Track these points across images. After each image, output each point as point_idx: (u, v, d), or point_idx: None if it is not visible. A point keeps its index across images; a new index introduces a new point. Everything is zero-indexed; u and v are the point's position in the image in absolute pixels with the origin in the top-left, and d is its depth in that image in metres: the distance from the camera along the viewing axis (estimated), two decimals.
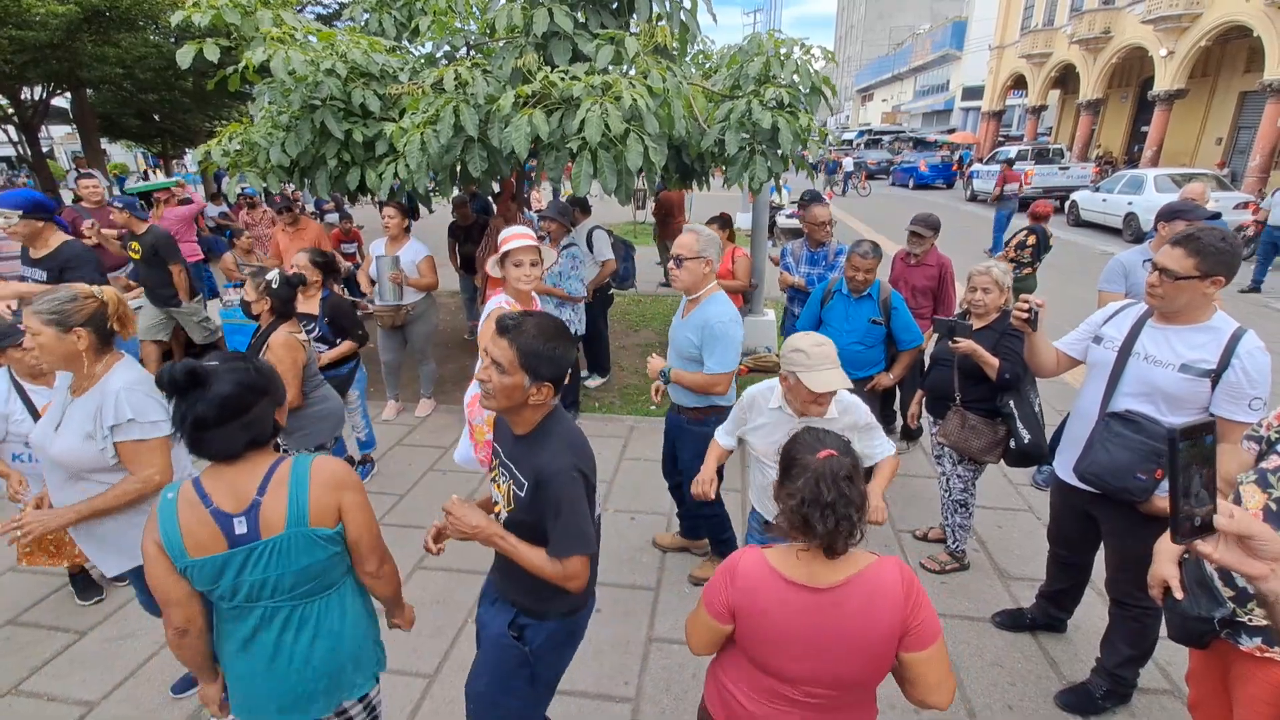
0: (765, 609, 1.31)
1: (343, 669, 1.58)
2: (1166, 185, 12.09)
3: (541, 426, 1.58)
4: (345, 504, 1.47)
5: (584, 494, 1.52)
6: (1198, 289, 1.94)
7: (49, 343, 1.83)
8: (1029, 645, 2.70)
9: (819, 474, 1.26)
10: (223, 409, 1.34)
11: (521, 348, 1.48)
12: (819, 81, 4.25)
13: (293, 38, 4.02)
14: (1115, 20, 20.81)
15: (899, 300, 3.39)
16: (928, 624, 1.28)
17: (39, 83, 13.22)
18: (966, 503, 3.05)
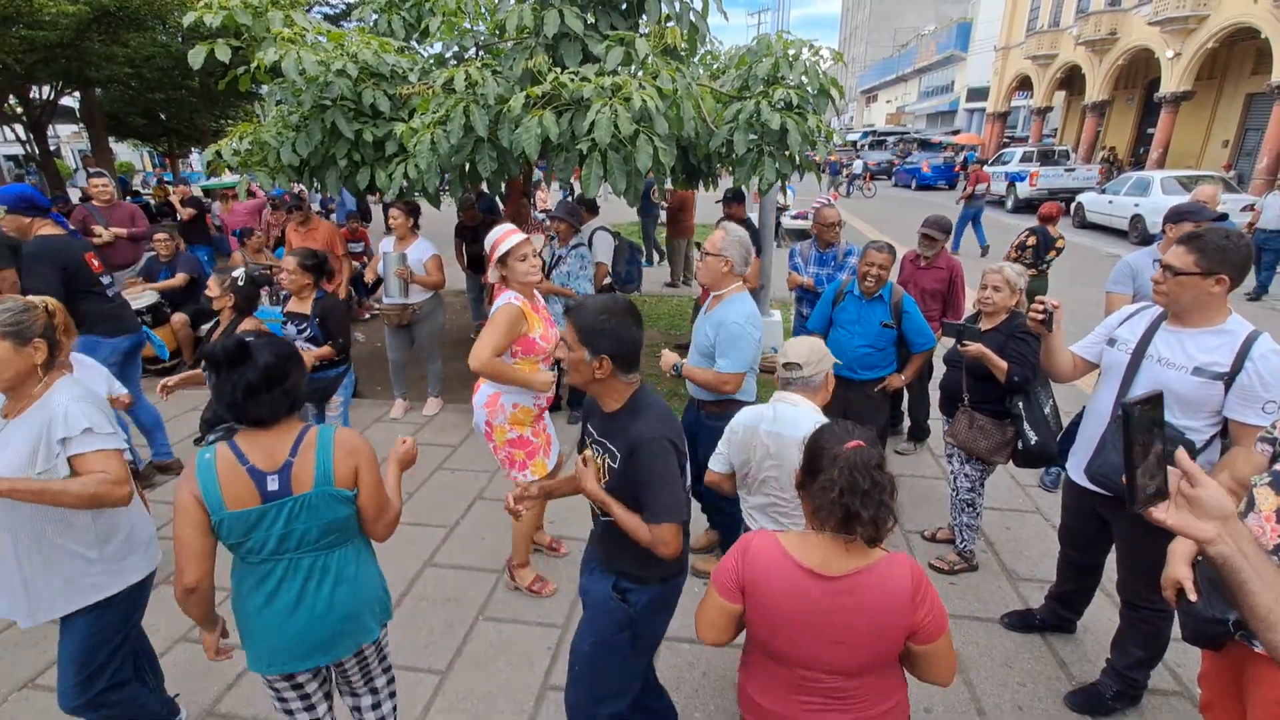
0: (777, 591, 1.34)
1: (360, 613, 1.74)
2: (1173, 187, 12.05)
3: (631, 401, 1.68)
4: (361, 470, 1.65)
5: (676, 463, 1.61)
6: (1200, 286, 1.97)
7: (6, 357, 1.68)
8: (1039, 646, 2.70)
9: (852, 463, 1.27)
10: (269, 377, 1.52)
11: (579, 324, 1.61)
12: (827, 83, 4.26)
13: (303, 38, 4.05)
14: (1122, 22, 20.77)
15: (911, 303, 3.37)
16: (936, 620, 1.32)
17: (48, 82, 13.30)
18: (974, 502, 3.06)
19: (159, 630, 2.84)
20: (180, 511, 1.52)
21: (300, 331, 3.64)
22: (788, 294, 6.08)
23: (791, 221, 12.45)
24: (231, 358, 1.49)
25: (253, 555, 1.59)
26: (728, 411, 2.76)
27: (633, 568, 1.75)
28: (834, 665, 1.33)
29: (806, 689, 1.38)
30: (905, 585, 1.30)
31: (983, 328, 2.89)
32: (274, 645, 1.65)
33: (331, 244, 5.64)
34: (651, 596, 1.77)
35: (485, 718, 2.40)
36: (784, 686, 1.41)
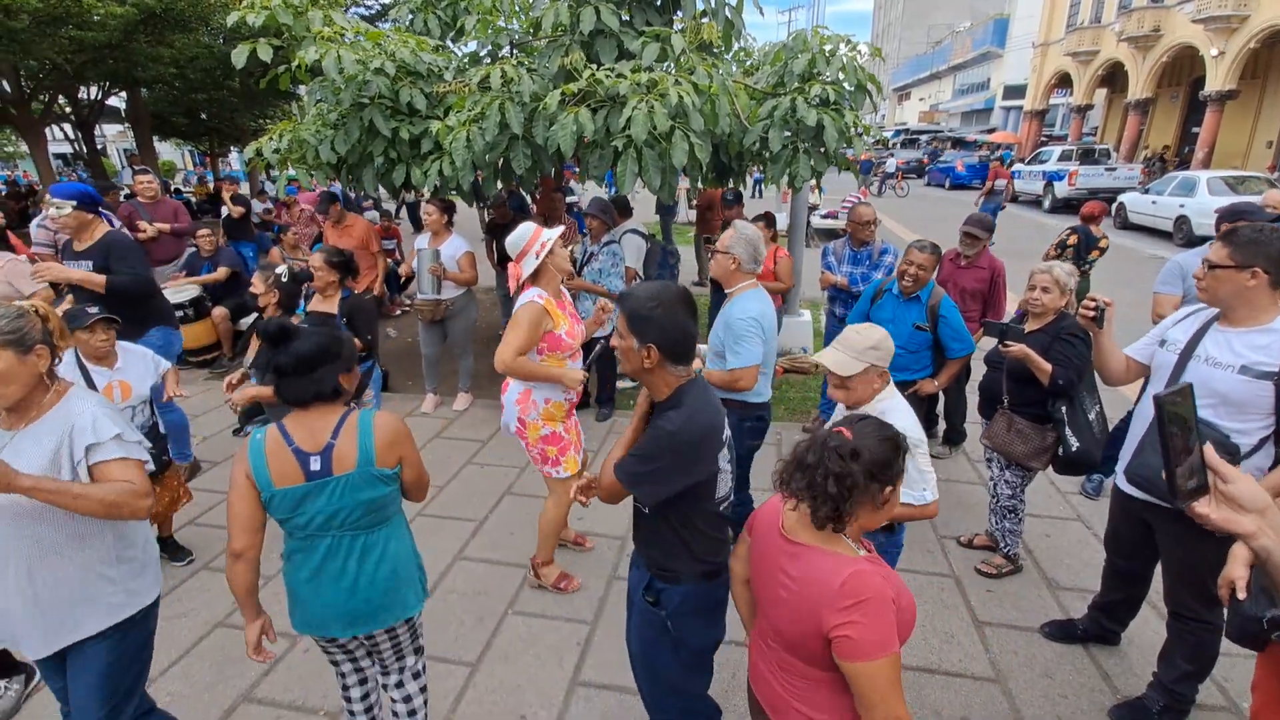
0: (759, 536, 1.49)
1: (400, 587, 1.82)
2: (1220, 188, 11.60)
3: (675, 395, 1.61)
4: (405, 451, 1.74)
5: (673, 456, 1.55)
6: (1236, 280, 1.94)
7: (9, 367, 1.53)
8: (1080, 657, 2.62)
9: (815, 439, 1.32)
10: (298, 363, 1.61)
11: (628, 311, 1.58)
12: (864, 78, 4.19)
13: (343, 37, 4.11)
14: (1165, 18, 20.09)
15: (950, 307, 3.27)
16: (857, 641, 1.20)
17: (96, 82, 13.77)
18: (1015, 509, 2.98)
19: (198, 614, 2.92)
20: (233, 486, 1.64)
21: None
22: (818, 294, 6.01)
23: (821, 221, 12.31)
24: (271, 338, 1.61)
25: (300, 530, 1.69)
26: (751, 413, 2.81)
27: (662, 560, 1.72)
28: (775, 624, 1.40)
29: (763, 635, 1.49)
30: (833, 582, 1.24)
31: (1028, 328, 2.80)
32: (321, 614, 1.77)
33: (366, 241, 5.73)
34: (684, 596, 1.70)
35: (514, 711, 2.41)
36: (757, 632, 1.54)
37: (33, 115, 13.00)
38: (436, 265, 4.60)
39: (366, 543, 1.74)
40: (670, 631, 1.74)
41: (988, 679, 2.52)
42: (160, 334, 3.85)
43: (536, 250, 2.68)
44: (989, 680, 2.52)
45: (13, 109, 12.54)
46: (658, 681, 1.85)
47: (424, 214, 4.74)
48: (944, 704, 2.41)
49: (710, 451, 1.60)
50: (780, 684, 1.41)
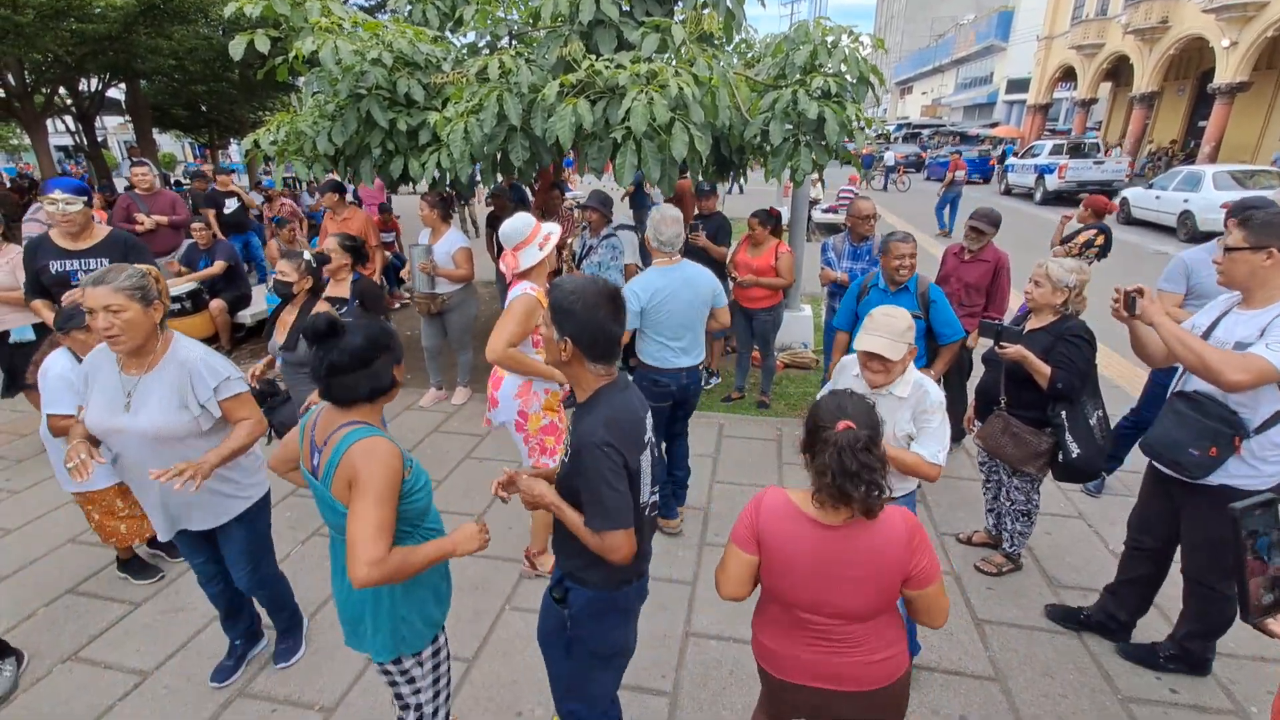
0: (785, 536, 1.47)
1: (360, 621, 1.67)
2: (1226, 183, 11.50)
3: (594, 395, 1.59)
4: (352, 489, 1.46)
5: (612, 469, 1.48)
6: (1251, 262, 2.01)
7: (135, 318, 1.86)
8: (1082, 656, 2.60)
9: (840, 447, 1.35)
10: (353, 358, 1.52)
11: (551, 300, 1.57)
12: (867, 70, 4.13)
13: (340, 28, 4.07)
14: (1174, 9, 19.89)
15: (937, 293, 3.28)
16: (929, 567, 1.43)
17: (96, 74, 13.72)
18: (1029, 512, 2.95)
19: (195, 608, 2.91)
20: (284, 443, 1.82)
21: (341, 313, 3.69)
22: (819, 288, 5.97)
23: (822, 215, 12.23)
24: (320, 335, 1.52)
25: None
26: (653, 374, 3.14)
27: (574, 565, 1.67)
28: (834, 608, 1.45)
29: (810, 630, 1.50)
30: (900, 533, 1.41)
31: (1028, 327, 2.75)
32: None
33: (365, 234, 5.70)
34: (589, 599, 1.67)
35: (512, 706, 2.40)
36: (791, 628, 1.53)
37: (35, 108, 12.97)
38: (426, 262, 4.58)
39: (340, 554, 1.66)
40: (566, 630, 1.72)
41: (987, 678, 2.50)
42: None
43: (540, 243, 2.67)
44: (988, 679, 2.50)
45: (16, 102, 12.51)
46: (552, 675, 1.87)
47: (419, 209, 4.73)
48: (943, 703, 2.39)
49: (629, 446, 1.53)
50: (843, 655, 1.49)
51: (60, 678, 2.54)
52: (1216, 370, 1.91)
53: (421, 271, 4.59)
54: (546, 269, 2.75)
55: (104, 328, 1.82)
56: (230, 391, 2.06)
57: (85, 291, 1.84)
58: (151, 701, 2.43)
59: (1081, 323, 2.67)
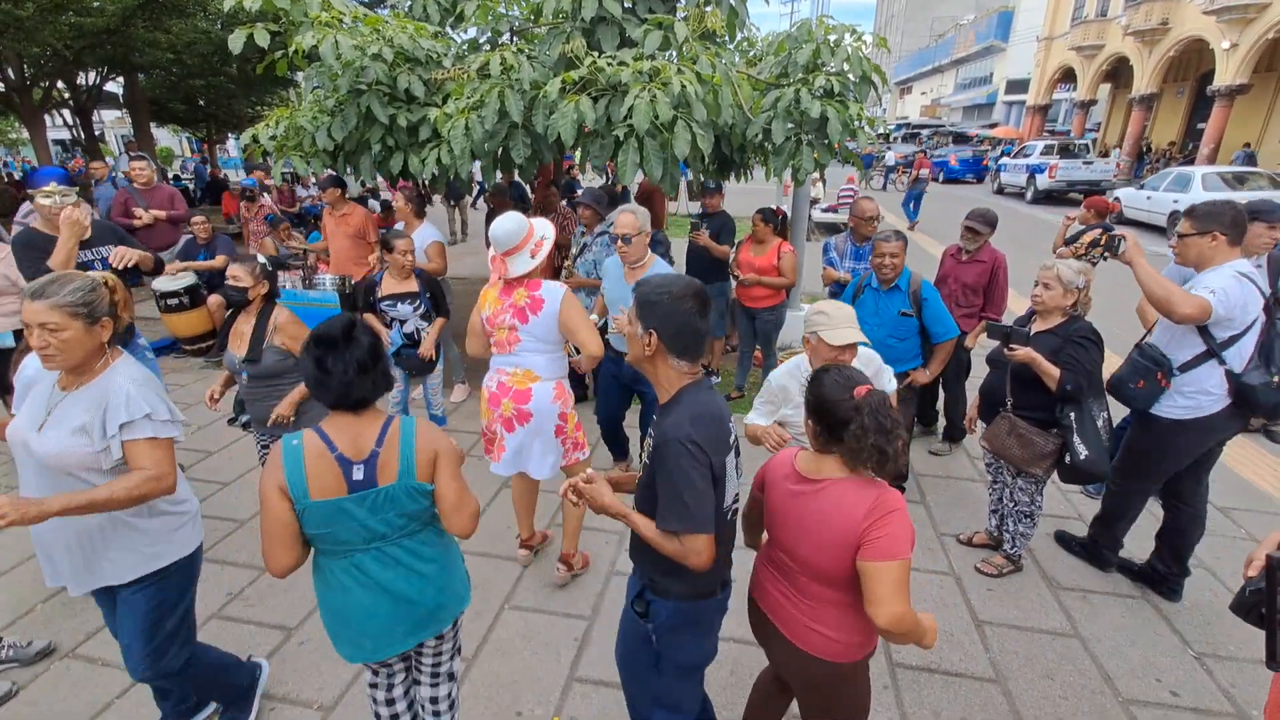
0: (775, 483, 1.62)
1: (449, 585, 1.76)
2: (1216, 184, 11.70)
3: (676, 395, 1.55)
4: (440, 463, 1.63)
5: (696, 467, 1.45)
6: (1199, 244, 2.56)
7: (75, 338, 1.64)
8: (1083, 658, 2.60)
9: (874, 409, 1.42)
10: (372, 356, 1.54)
11: (638, 295, 1.56)
12: (869, 69, 4.12)
13: (340, 22, 4.04)
14: (1174, 11, 19.89)
15: (930, 291, 3.28)
16: (885, 542, 1.42)
17: (94, 68, 13.66)
18: (1032, 514, 2.95)
19: None
20: (265, 504, 1.51)
21: (415, 309, 3.90)
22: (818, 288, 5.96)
23: (822, 215, 12.22)
24: (336, 341, 1.51)
25: (333, 543, 1.58)
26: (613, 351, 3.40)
27: (655, 573, 1.64)
28: (795, 554, 1.56)
29: (777, 565, 1.66)
30: (863, 498, 1.46)
31: (1035, 329, 2.75)
32: (360, 632, 1.67)
33: (363, 230, 5.66)
34: (673, 612, 1.63)
35: (510, 706, 2.39)
36: (770, 561, 1.69)
37: (33, 102, 12.90)
38: None
39: (411, 547, 1.66)
40: (654, 644, 1.69)
41: (988, 679, 2.50)
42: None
43: (532, 250, 2.56)
44: (989, 681, 2.49)
45: (15, 95, 12.45)
46: (637, 689, 1.83)
47: (394, 202, 4.77)
48: (943, 705, 2.39)
49: (716, 447, 1.49)
50: (793, 605, 1.62)
51: (57, 675, 2.52)
52: (1176, 302, 2.46)
53: None
54: (545, 270, 2.71)
55: (39, 346, 1.63)
56: (139, 434, 1.70)
57: (24, 304, 1.64)
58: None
59: (1089, 324, 2.67)
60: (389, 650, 1.71)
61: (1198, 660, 2.56)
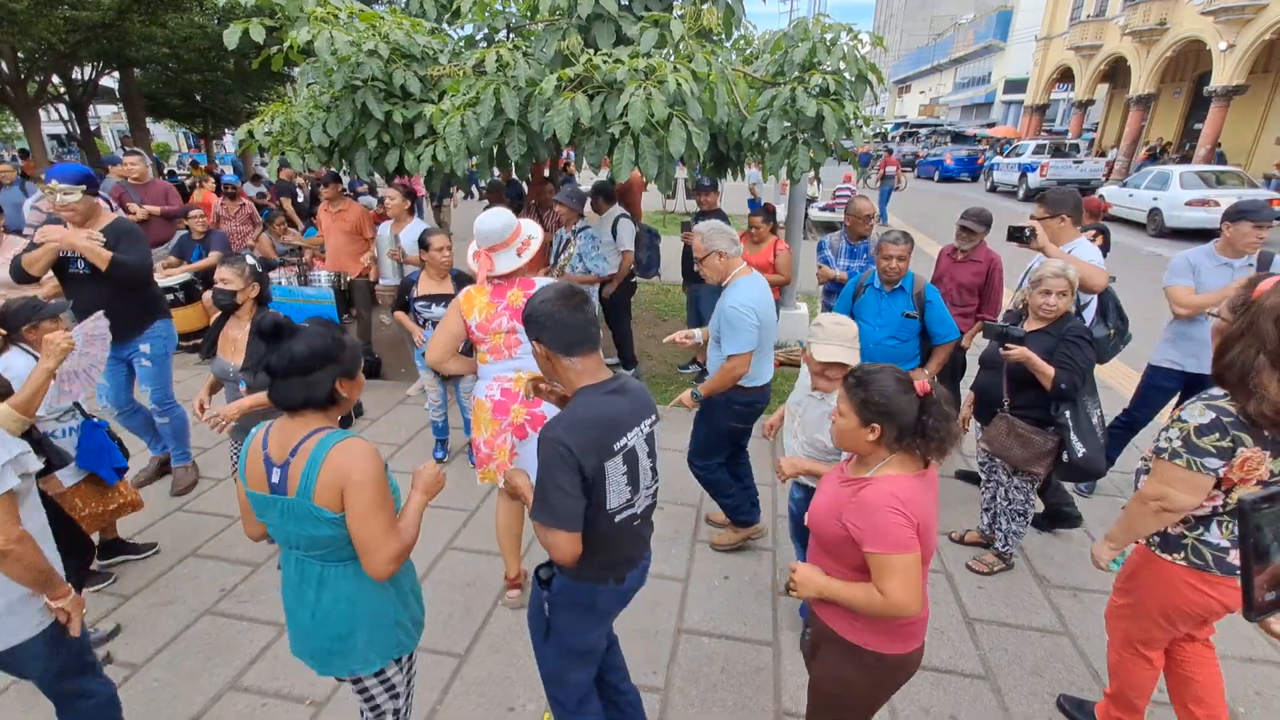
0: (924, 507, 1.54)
1: (352, 636, 1.59)
2: (1193, 182, 12.23)
3: (575, 395, 1.64)
4: (347, 496, 1.44)
5: (560, 468, 1.50)
6: (1051, 225, 3.29)
7: None
8: (1070, 655, 2.62)
9: (946, 398, 1.53)
10: (291, 364, 1.46)
11: (523, 317, 1.65)
12: (865, 68, 4.12)
13: (336, 18, 4.03)
14: (1172, 11, 19.92)
15: (933, 293, 3.28)
16: (868, 531, 1.47)
17: (89, 62, 13.59)
18: (1025, 512, 2.97)
19: (184, 601, 2.90)
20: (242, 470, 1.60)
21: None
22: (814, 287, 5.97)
23: (819, 213, 12.23)
24: (265, 335, 1.48)
25: (275, 538, 1.60)
26: (741, 396, 2.88)
27: None
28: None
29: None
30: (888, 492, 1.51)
31: (1027, 328, 2.75)
32: (295, 640, 1.67)
33: (360, 227, 5.66)
34: (563, 587, 1.74)
35: (503, 702, 2.40)
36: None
37: (28, 96, 12.83)
38: (395, 250, 4.59)
39: (325, 572, 1.54)
40: (545, 612, 1.78)
41: (977, 676, 2.52)
42: (164, 326, 3.69)
43: (519, 248, 2.50)
44: (978, 677, 2.51)
45: (9, 89, 12.38)
46: (539, 663, 1.92)
47: (386, 199, 4.80)
48: (933, 701, 2.40)
49: (588, 448, 1.52)
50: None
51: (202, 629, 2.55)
52: (1094, 278, 3.06)
53: (390, 259, 4.60)
54: (538, 267, 2.69)
55: None
56: None
57: None
58: (141, 694, 2.42)
59: (1081, 323, 2.69)
60: (302, 658, 1.65)
61: None
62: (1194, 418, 1.67)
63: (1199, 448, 1.65)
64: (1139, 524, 1.85)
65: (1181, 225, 12.20)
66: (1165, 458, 1.72)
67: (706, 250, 2.78)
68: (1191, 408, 1.70)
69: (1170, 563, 1.84)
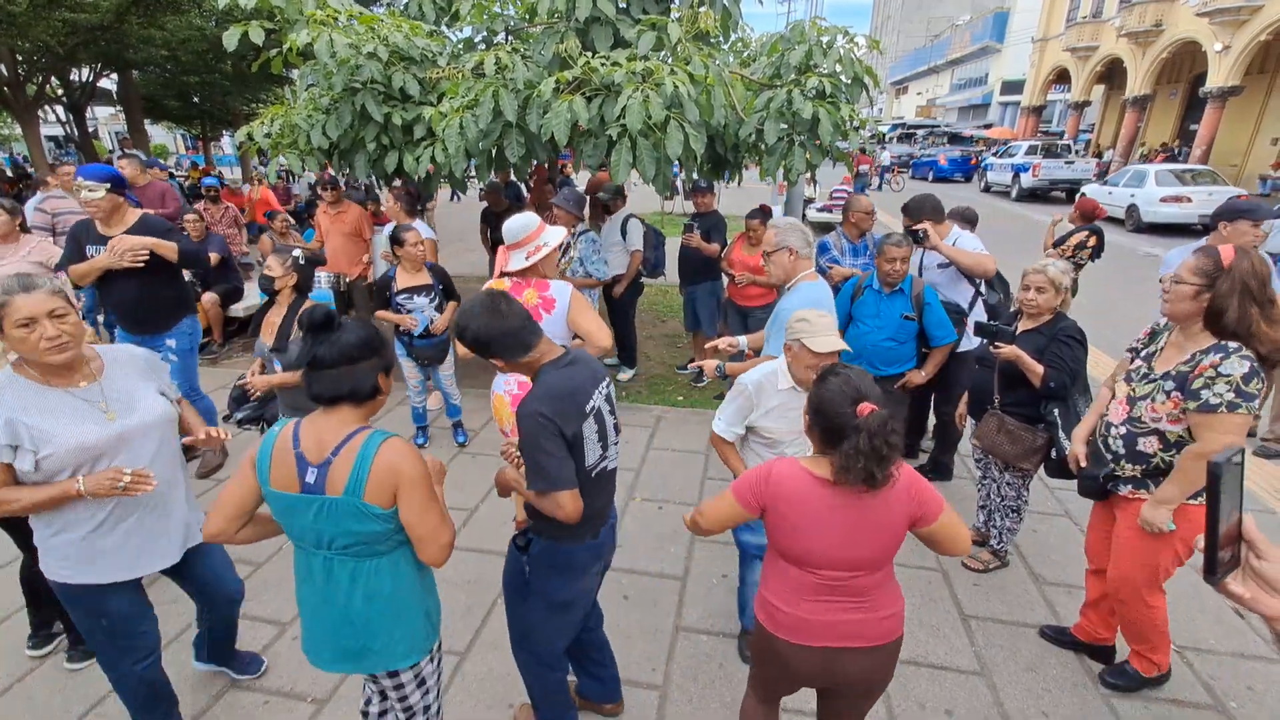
0: (800, 500, 1.55)
1: (387, 633, 1.61)
2: (1167, 179, 13.18)
3: (536, 376, 1.75)
4: (402, 493, 1.50)
5: (548, 435, 1.64)
6: (923, 228, 3.56)
7: (77, 321, 1.74)
8: (1065, 651, 2.64)
9: (871, 432, 1.42)
10: (341, 354, 1.49)
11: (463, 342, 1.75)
12: (861, 70, 4.16)
13: (335, 21, 4.06)
14: (1168, 12, 20.01)
15: (932, 295, 3.31)
16: (932, 504, 1.54)
17: (88, 64, 13.59)
18: (1019, 508, 3.00)
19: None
20: (239, 468, 1.57)
21: (430, 300, 4.01)
22: None
23: (817, 214, 12.28)
24: (316, 326, 1.51)
25: (296, 540, 1.58)
26: None
27: (535, 518, 1.88)
28: (849, 561, 1.55)
29: (828, 588, 1.58)
30: (903, 483, 1.53)
31: (1020, 328, 2.79)
32: (315, 640, 1.65)
33: (359, 228, 5.69)
34: (543, 549, 1.87)
35: (504, 699, 2.42)
36: (809, 589, 1.60)
37: (26, 98, 12.83)
38: (388, 251, 4.60)
39: (357, 570, 1.55)
40: (526, 577, 1.90)
41: (973, 672, 2.54)
42: (190, 323, 3.84)
43: (529, 252, 2.64)
44: (974, 674, 2.54)
45: (8, 91, 12.37)
46: (513, 622, 2.02)
47: (384, 203, 4.81)
48: (929, 697, 2.43)
49: (565, 416, 1.67)
50: (862, 611, 1.60)
51: (52, 669, 2.54)
52: (985, 263, 3.53)
53: (384, 260, 4.62)
54: (553, 267, 2.76)
55: (51, 336, 1.65)
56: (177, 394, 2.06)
57: (15, 302, 1.63)
58: None
59: (1073, 323, 2.71)
60: (320, 662, 1.66)
61: (1178, 653, 2.60)
62: (1236, 369, 1.86)
63: (1249, 394, 1.85)
64: (1200, 480, 1.96)
65: (1157, 220, 12.88)
66: (1223, 411, 1.87)
67: (778, 245, 2.72)
68: (1228, 362, 1.87)
69: (1197, 505, 2.03)
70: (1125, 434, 2.17)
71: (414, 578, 1.66)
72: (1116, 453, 2.20)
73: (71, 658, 2.54)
